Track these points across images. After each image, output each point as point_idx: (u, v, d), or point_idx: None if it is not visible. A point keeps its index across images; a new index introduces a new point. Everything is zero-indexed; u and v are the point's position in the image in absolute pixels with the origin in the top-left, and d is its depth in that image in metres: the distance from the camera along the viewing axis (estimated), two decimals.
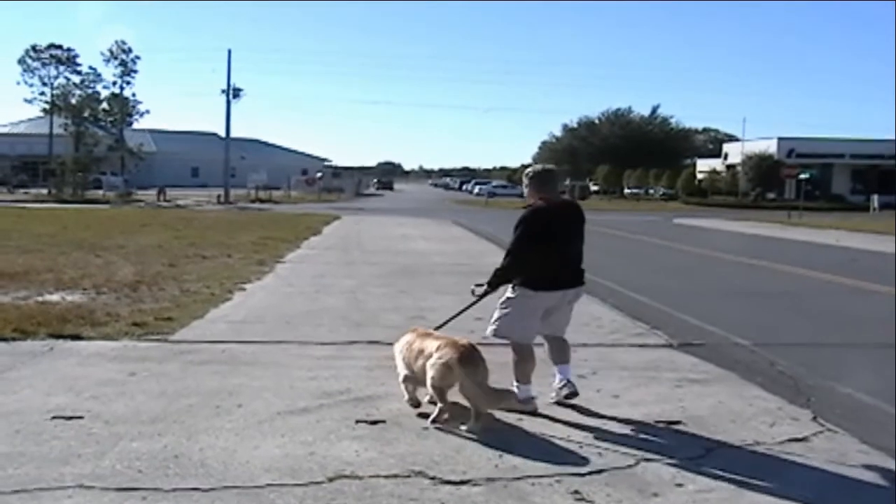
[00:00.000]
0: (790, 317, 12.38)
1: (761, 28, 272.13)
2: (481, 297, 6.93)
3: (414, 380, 6.52)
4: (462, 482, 5.02)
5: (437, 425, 6.09)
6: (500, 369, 6.97)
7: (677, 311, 12.03)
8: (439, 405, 6.20)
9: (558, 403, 6.73)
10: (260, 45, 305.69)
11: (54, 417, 6.07)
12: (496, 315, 6.72)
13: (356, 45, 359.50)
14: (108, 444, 5.52)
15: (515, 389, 6.57)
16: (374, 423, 6.18)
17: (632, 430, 6.18)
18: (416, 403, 6.50)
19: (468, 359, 6.09)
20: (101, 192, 58.42)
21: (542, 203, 6.68)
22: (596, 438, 5.93)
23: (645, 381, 7.73)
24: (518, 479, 5.10)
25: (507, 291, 6.69)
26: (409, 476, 5.09)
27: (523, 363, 6.65)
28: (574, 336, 9.42)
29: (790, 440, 6.01)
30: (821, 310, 13.27)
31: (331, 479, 5.00)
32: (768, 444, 5.93)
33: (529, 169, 6.97)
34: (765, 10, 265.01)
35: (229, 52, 64.16)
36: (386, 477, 5.06)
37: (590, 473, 5.22)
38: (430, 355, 6.24)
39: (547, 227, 6.54)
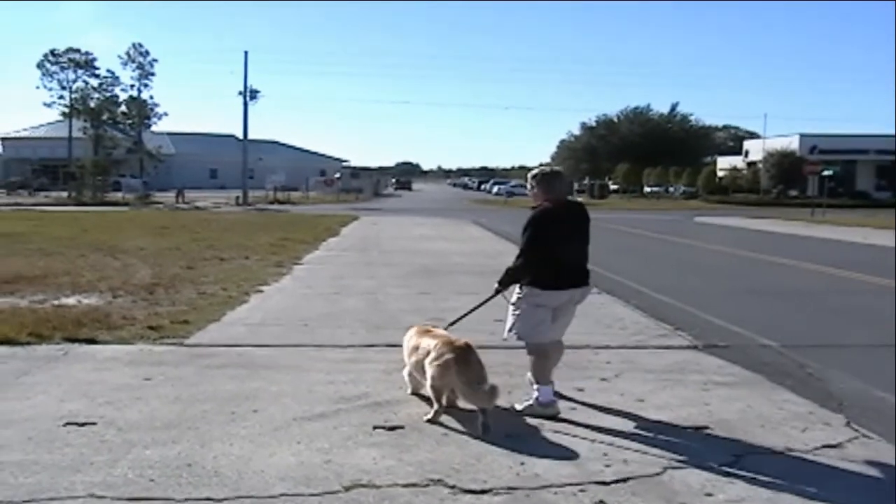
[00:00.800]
0: (818, 317, 12.14)
1: (782, 24, 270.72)
2: (493, 296, 6.94)
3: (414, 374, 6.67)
4: (482, 491, 4.86)
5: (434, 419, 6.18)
6: (519, 371, 6.87)
7: (701, 311, 11.82)
8: (436, 406, 6.23)
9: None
10: (277, 47, 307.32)
11: (67, 424, 5.96)
12: (510, 318, 6.73)
13: (373, 45, 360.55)
14: (121, 451, 5.40)
15: (535, 391, 6.53)
16: (393, 429, 6.04)
17: (657, 435, 6.00)
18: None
19: (463, 359, 6.12)
20: (120, 194, 58.57)
21: (548, 204, 6.68)
22: (620, 444, 5.76)
23: (670, 383, 7.55)
24: (540, 487, 4.94)
25: (515, 292, 6.69)
26: (427, 485, 4.94)
27: (540, 363, 6.63)
28: (596, 338, 9.40)
29: (824, 446, 5.81)
30: (849, 309, 12.98)
31: (347, 489, 4.86)
32: (801, 450, 5.74)
33: (536, 170, 6.96)
34: (786, 6, 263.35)
35: (246, 53, 64.63)
36: (404, 486, 4.92)
37: (614, 482, 5.05)
38: (426, 352, 6.37)
39: (554, 227, 6.55)
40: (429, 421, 6.17)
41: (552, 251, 6.48)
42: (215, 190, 79.69)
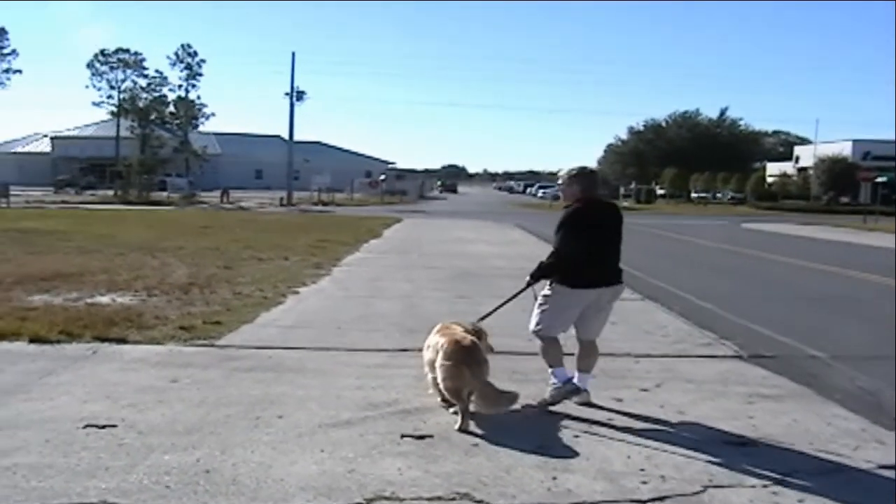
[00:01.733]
0: (870, 327, 11.62)
1: (836, 27, 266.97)
2: (523, 289, 6.96)
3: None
4: None
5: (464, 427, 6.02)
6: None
7: (747, 319, 11.45)
8: (458, 407, 6.13)
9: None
10: (323, 48, 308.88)
11: (87, 426, 5.82)
12: (536, 314, 6.79)
13: (420, 47, 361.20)
14: (139, 456, 5.23)
15: (552, 377, 6.72)
16: (421, 437, 5.81)
17: (698, 450, 5.69)
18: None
19: (474, 359, 6.16)
20: (165, 193, 58.96)
21: (580, 204, 6.73)
22: (658, 459, 5.47)
23: (712, 395, 7.25)
24: None
25: (545, 289, 6.75)
26: (453, 499, 4.71)
27: (551, 349, 6.77)
28: (637, 345, 9.13)
29: (878, 467, 5.47)
30: None
31: (369, 501, 4.64)
32: (852, 470, 5.40)
33: (571, 169, 6.94)
34: (841, 7, 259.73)
35: (293, 54, 64.95)
36: (428, 499, 4.69)
37: (651, 500, 4.78)
38: (435, 351, 6.40)
39: (588, 227, 6.62)
40: (459, 429, 5.96)
41: (584, 250, 6.52)
42: (261, 190, 79.99)
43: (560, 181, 7.03)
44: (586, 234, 6.57)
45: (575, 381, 6.75)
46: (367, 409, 6.45)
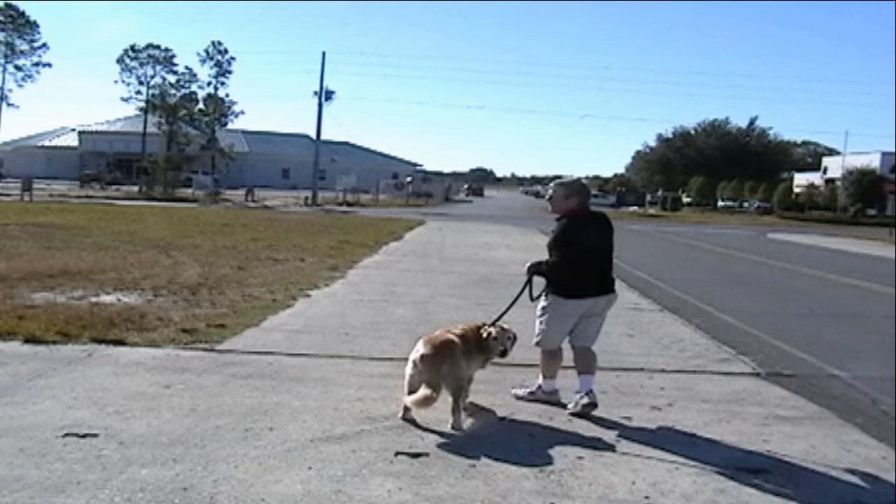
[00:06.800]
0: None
1: (867, 39, 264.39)
2: (526, 283, 7.12)
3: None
4: None
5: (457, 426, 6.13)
6: (565, 396, 6.32)
7: (768, 334, 11.06)
8: (452, 410, 6.20)
9: (577, 415, 6.62)
10: (355, 48, 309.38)
11: (67, 435, 5.53)
12: (537, 326, 6.98)
13: (452, 49, 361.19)
14: (116, 469, 4.95)
15: (539, 381, 7.05)
16: (416, 455, 5.50)
17: (708, 477, 5.35)
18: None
19: (426, 357, 6.16)
20: (190, 190, 59.00)
21: (575, 217, 6.90)
22: (665, 486, 5.14)
23: (727, 416, 6.90)
24: None
25: (542, 301, 6.96)
26: None
27: (552, 361, 7.03)
28: (652, 360, 8.81)
29: None
30: None
31: None
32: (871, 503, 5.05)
33: (569, 181, 7.16)
34: (872, 23, 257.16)
35: (323, 54, 64.49)
36: None
37: None
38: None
39: (583, 236, 6.78)
40: (452, 427, 6.07)
41: (577, 260, 6.69)
42: (286, 189, 79.97)
43: (551, 191, 7.09)
44: (581, 245, 6.71)
45: (577, 387, 6.83)
46: (364, 423, 6.17)
